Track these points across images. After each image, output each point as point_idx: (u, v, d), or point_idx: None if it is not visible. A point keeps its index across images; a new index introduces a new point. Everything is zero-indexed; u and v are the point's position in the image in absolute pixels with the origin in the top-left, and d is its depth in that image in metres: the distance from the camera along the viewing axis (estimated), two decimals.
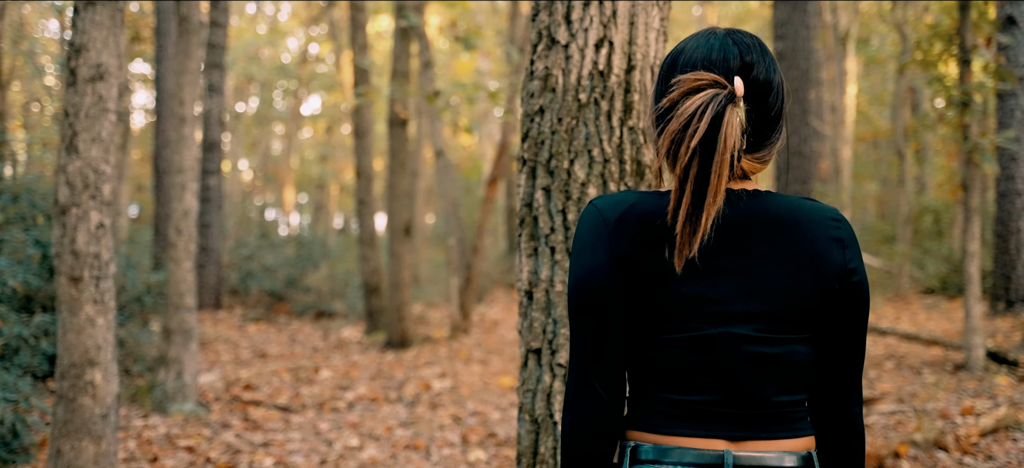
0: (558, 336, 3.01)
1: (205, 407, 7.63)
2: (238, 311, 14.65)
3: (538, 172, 3.08)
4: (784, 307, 1.61)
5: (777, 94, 1.67)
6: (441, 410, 7.74)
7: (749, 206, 1.62)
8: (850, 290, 1.66)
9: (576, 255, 1.65)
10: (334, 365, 9.98)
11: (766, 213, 1.63)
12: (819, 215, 1.66)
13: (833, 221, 1.66)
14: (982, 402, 6.88)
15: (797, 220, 1.63)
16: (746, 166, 1.64)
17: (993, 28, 8.19)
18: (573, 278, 1.64)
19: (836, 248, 1.65)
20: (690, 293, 1.59)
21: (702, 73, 1.59)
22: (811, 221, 1.64)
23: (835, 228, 1.65)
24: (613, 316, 1.62)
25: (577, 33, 3.07)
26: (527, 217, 3.11)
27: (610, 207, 1.64)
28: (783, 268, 1.61)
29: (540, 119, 3.10)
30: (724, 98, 1.54)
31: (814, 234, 1.64)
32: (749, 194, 1.64)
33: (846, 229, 1.67)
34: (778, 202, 1.65)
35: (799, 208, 1.65)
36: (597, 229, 1.63)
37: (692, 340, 1.60)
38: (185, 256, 7.43)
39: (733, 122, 1.53)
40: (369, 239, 12.09)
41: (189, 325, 7.50)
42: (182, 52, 7.56)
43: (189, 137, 7.44)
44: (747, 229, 1.62)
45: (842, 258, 1.65)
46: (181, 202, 7.42)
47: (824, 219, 1.65)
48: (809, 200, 1.70)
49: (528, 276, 3.09)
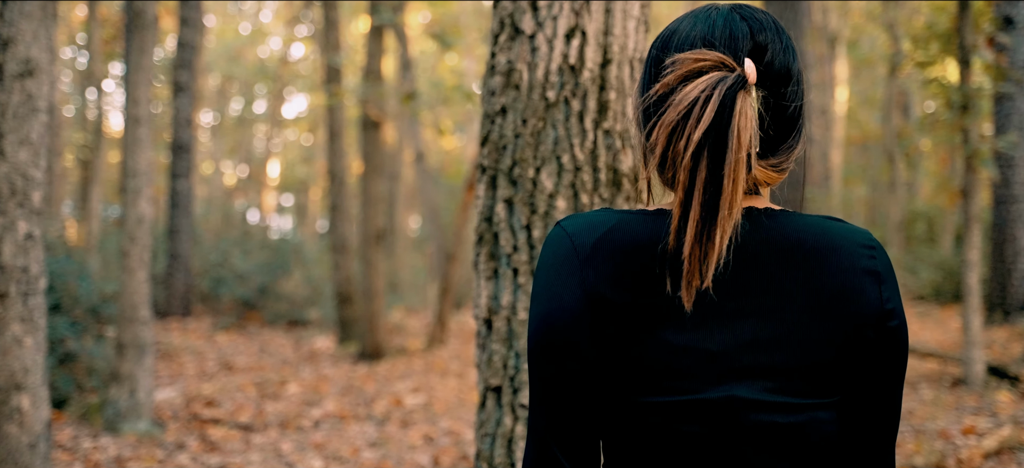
0: (521, 372, 2.60)
1: (160, 426, 7.18)
2: (208, 319, 14.17)
3: (499, 182, 2.68)
4: (804, 360, 1.26)
5: (796, 85, 1.33)
6: (413, 429, 7.31)
7: (760, 229, 1.28)
8: (887, 337, 1.30)
9: (538, 290, 1.30)
10: (303, 378, 9.53)
11: (782, 238, 1.28)
12: (849, 241, 1.30)
13: (866, 249, 1.31)
14: (983, 421, 6.59)
15: (821, 247, 1.28)
16: (759, 175, 1.29)
17: (994, 27, 7.83)
18: (534, 319, 1.29)
19: (870, 283, 1.29)
20: (682, 343, 1.24)
21: (705, 52, 1.24)
22: (838, 249, 1.29)
23: (869, 258, 1.30)
24: (583, 369, 1.27)
25: (544, 21, 2.66)
26: (486, 234, 2.70)
27: (583, 230, 1.29)
28: (803, 309, 1.26)
29: (502, 120, 2.70)
30: (735, 81, 1.19)
31: (842, 265, 1.28)
32: (760, 213, 1.29)
33: (882, 259, 1.32)
34: (797, 224, 1.30)
35: (824, 232, 1.30)
36: (565, 258, 1.28)
37: (683, 405, 1.24)
38: (139, 265, 6.98)
39: (747, 112, 1.18)
40: (341, 246, 11.64)
41: (144, 339, 7.05)
42: (136, 48, 7.11)
43: (143, 139, 6.98)
44: (757, 259, 1.26)
45: (877, 296, 1.29)
46: (134, 208, 6.97)
47: (855, 246, 1.30)
48: (834, 220, 1.33)
49: (487, 302, 2.68)
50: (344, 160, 11.79)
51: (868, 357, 1.30)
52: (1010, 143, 8.16)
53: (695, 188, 1.18)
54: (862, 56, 19.48)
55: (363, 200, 11.45)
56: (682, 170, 1.18)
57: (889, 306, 1.29)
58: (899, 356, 1.32)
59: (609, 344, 1.25)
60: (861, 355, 1.29)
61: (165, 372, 9.74)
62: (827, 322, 1.26)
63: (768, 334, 1.25)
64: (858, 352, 1.28)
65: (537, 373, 1.30)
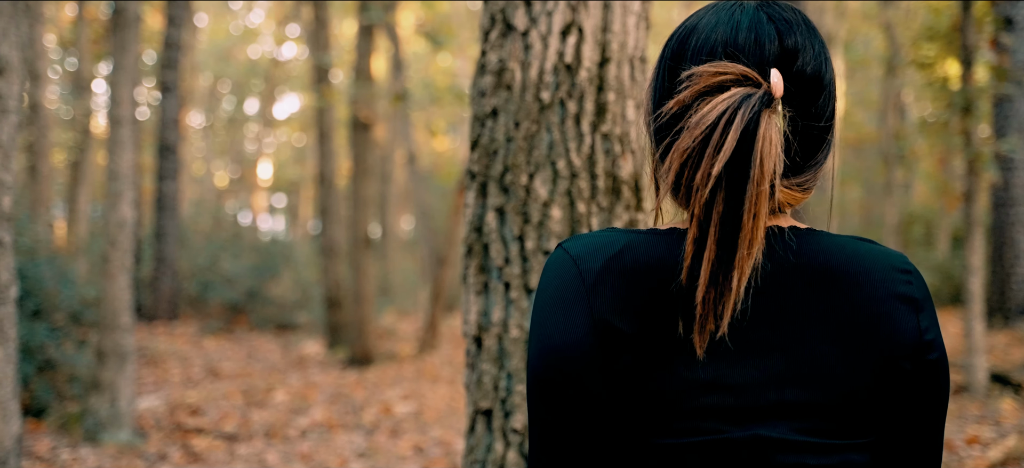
0: (513, 394, 2.42)
1: (142, 436, 6.98)
2: (196, 323, 13.94)
3: (490, 189, 2.50)
4: (835, 396, 1.12)
5: (829, 95, 1.18)
6: (402, 438, 7.12)
7: (788, 251, 1.14)
8: (926, 371, 1.16)
9: (539, 320, 1.16)
10: (291, 385, 9.33)
11: (810, 261, 1.14)
12: (882, 264, 1.16)
13: (901, 273, 1.17)
14: (987, 430, 6.43)
15: (852, 271, 1.14)
16: (782, 197, 1.15)
17: (997, 27, 7.67)
18: (534, 352, 1.15)
19: (906, 311, 1.15)
20: (701, 379, 1.10)
21: (726, 64, 1.09)
22: (871, 273, 1.15)
23: (905, 283, 1.16)
24: (590, 408, 1.13)
25: (539, 17, 2.48)
26: (475, 245, 2.52)
27: (588, 253, 1.15)
28: (834, 341, 1.12)
29: (493, 123, 2.52)
30: (758, 102, 1.05)
31: (876, 292, 1.14)
32: (785, 234, 1.15)
33: (918, 284, 1.18)
34: (826, 245, 1.16)
35: (855, 254, 1.16)
36: (569, 284, 1.14)
37: (704, 447, 1.10)
38: (119, 271, 6.78)
39: (771, 136, 1.05)
40: (331, 249, 11.43)
41: (125, 346, 6.85)
42: (118, 48, 6.91)
43: (125, 140, 6.78)
44: (782, 285, 1.13)
45: (915, 325, 1.15)
46: (116, 211, 6.77)
47: (889, 270, 1.16)
48: (865, 242, 1.19)
49: (476, 318, 2.50)
50: (334, 162, 11.59)
51: (905, 393, 1.15)
52: (1013, 147, 8.01)
53: (710, 224, 1.05)
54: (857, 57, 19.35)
55: (353, 203, 11.25)
56: (697, 203, 1.05)
57: (928, 337, 1.15)
58: (939, 391, 1.18)
59: (619, 380, 1.11)
60: (897, 391, 1.15)
61: (150, 378, 9.53)
62: (860, 355, 1.12)
63: (796, 368, 1.11)
64: (894, 387, 1.15)
65: (538, 412, 1.16)
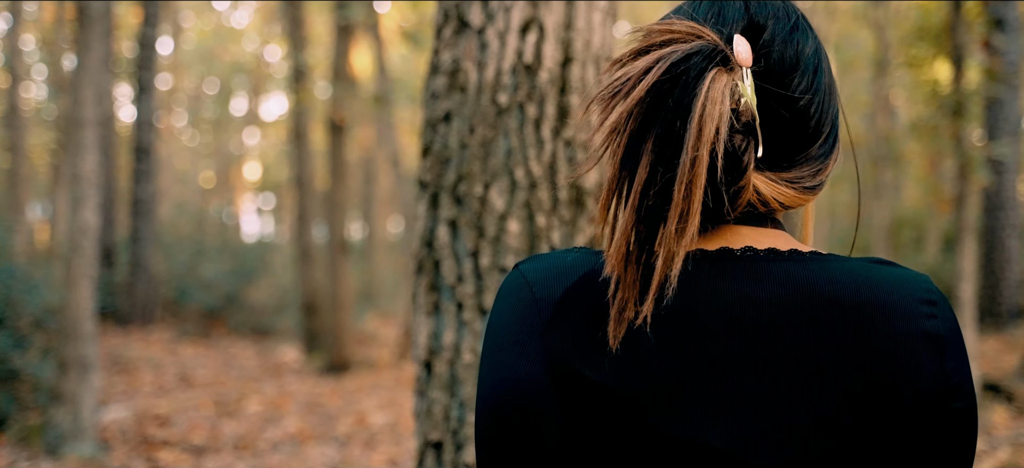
0: (466, 424, 2.21)
1: (106, 449, 6.74)
2: (172, 328, 13.68)
3: (442, 200, 2.29)
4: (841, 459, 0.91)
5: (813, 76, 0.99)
6: (377, 450, 6.91)
7: (783, 276, 0.95)
8: (949, 423, 0.93)
9: (489, 355, 0.99)
10: (265, 394, 9.09)
11: (813, 292, 0.93)
12: (903, 295, 0.93)
13: (925, 305, 0.94)
14: (979, 442, 6.21)
15: (866, 305, 0.92)
16: (765, 189, 0.97)
17: (988, 28, 7.49)
18: (481, 393, 0.99)
19: (928, 352, 0.92)
20: (678, 436, 0.92)
21: (677, 22, 0.94)
22: (889, 307, 0.92)
23: (928, 316, 0.93)
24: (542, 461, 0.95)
25: (496, 13, 2.28)
26: (426, 261, 2.30)
27: (548, 278, 0.98)
28: (841, 391, 0.91)
29: (445, 129, 2.31)
30: (697, 50, 0.90)
31: (894, 329, 0.92)
32: (780, 256, 0.96)
33: (944, 317, 0.94)
34: (833, 272, 0.95)
35: (869, 283, 0.94)
36: (524, 316, 0.97)
37: None
38: (82, 278, 6.54)
39: (716, 96, 0.87)
40: (307, 254, 11.21)
41: (87, 356, 6.62)
42: (82, 46, 6.67)
43: (87, 142, 6.54)
44: (779, 321, 0.93)
45: (939, 370, 0.92)
46: (78, 217, 6.53)
47: (911, 302, 0.93)
48: (882, 265, 0.97)
49: (427, 341, 2.28)
50: (311, 164, 11.36)
51: (924, 450, 0.93)
52: (1004, 152, 7.85)
53: (631, 192, 0.89)
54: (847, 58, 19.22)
55: (329, 207, 11.03)
56: (614, 158, 0.90)
57: (954, 381, 0.92)
58: (964, 447, 0.95)
59: (580, 433, 0.94)
60: (916, 448, 0.93)
61: (120, 386, 9.29)
62: (873, 407, 0.91)
63: (793, 424, 0.91)
64: (910, 442, 0.92)
65: (482, 458, 0.99)
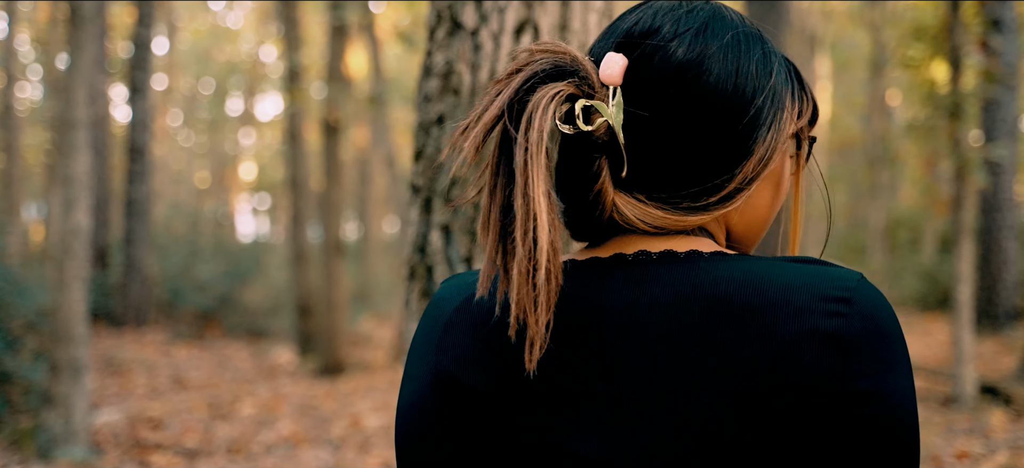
0: None
1: (98, 452, 6.69)
2: (166, 330, 13.62)
3: (434, 205, 2.24)
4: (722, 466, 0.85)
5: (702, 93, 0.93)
6: (371, 453, 6.86)
7: (671, 279, 0.90)
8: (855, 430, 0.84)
9: (404, 375, 1.03)
10: (259, 396, 9.04)
11: (698, 292, 0.89)
12: (801, 293, 0.87)
13: (830, 303, 0.86)
14: (977, 444, 6.22)
15: (755, 305, 0.86)
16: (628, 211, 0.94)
17: (985, 29, 7.46)
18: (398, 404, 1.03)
19: (820, 352, 0.84)
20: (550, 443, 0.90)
21: (534, 46, 0.93)
22: (779, 305, 0.86)
23: (829, 316, 0.85)
24: None
25: (490, 14, 2.23)
26: (418, 267, 2.25)
27: (453, 293, 1.01)
28: (723, 398, 0.85)
29: (438, 132, 2.26)
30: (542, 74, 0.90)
31: (781, 329, 0.85)
32: (675, 258, 0.92)
33: (858, 316, 0.86)
34: (732, 272, 0.89)
35: (760, 281, 0.88)
36: (428, 330, 1.00)
37: None
38: (74, 280, 6.49)
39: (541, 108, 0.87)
40: (302, 255, 11.16)
41: (79, 358, 6.57)
42: (74, 46, 6.62)
43: (79, 143, 6.49)
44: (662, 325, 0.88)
45: (838, 371, 0.84)
46: (70, 218, 6.48)
47: (810, 300, 0.86)
48: (801, 263, 0.90)
49: None
50: (305, 165, 11.32)
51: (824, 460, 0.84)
52: (1003, 154, 7.82)
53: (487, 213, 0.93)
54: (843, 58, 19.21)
55: (324, 208, 10.98)
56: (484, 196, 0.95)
57: (862, 385, 0.83)
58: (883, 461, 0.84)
59: (469, 443, 0.94)
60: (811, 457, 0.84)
61: (113, 389, 9.23)
62: (756, 413, 0.84)
63: (673, 432, 0.86)
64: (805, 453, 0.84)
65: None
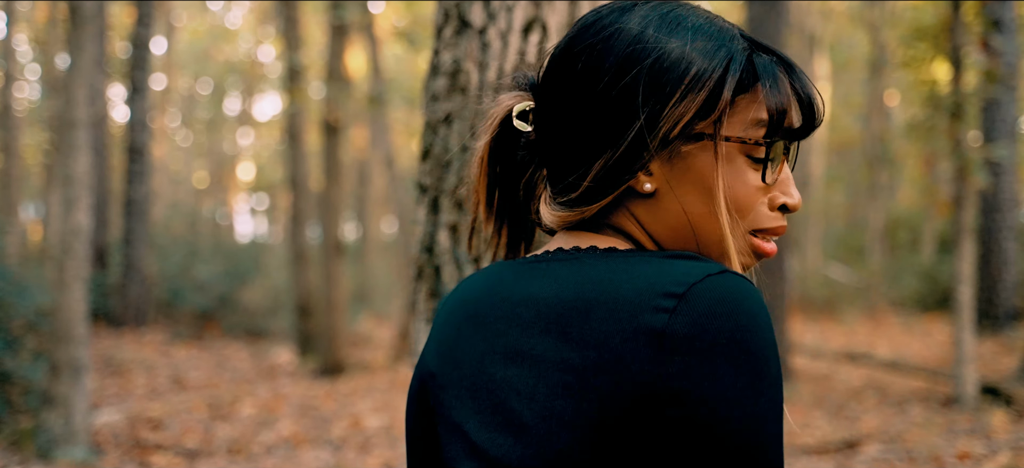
0: None
1: (98, 453, 6.67)
2: (166, 330, 13.58)
3: (442, 205, 2.22)
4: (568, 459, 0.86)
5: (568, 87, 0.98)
6: (372, 454, 6.84)
7: (554, 275, 0.95)
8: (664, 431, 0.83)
9: None
10: (258, 396, 9.02)
11: (564, 288, 0.93)
12: (638, 288, 0.87)
13: (664, 298, 0.85)
14: (979, 445, 6.20)
15: (593, 299, 0.89)
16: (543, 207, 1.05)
17: (986, 28, 7.46)
18: None
19: (641, 348, 0.84)
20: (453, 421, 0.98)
21: None
22: (614, 301, 0.87)
23: (658, 310, 0.85)
24: None
25: (498, 13, 2.22)
26: (426, 268, 2.24)
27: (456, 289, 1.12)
28: (567, 387, 0.87)
29: (446, 131, 2.24)
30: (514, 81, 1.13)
31: (610, 324, 0.86)
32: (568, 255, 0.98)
33: (688, 313, 0.84)
34: (596, 268, 0.93)
35: (610, 276, 0.91)
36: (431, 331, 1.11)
37: None
38: (74, 280, 6.47)
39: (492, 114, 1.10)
40: (302, 255, 11.14)
41: (79, 359, 6.54)
42: (74, 46, 6.60)
43: (79, 143, 6.46)
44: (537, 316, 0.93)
45: (654, 369, 0.83)
46: (70, 218, 6.46)
47: (644, 296, 0.86)
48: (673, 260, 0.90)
49: None
50: (305, 165, 11.30)
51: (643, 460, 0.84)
52: (1003, 154, 7.82)
53: None
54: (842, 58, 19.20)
55: (324, 208, 10.97)
56: None
57: (675, 385, 0.82)
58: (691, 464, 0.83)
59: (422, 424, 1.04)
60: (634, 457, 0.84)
61: (112, 389, 9.21)
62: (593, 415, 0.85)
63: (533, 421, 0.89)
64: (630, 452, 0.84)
65: None
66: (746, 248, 0.99)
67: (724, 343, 0.83)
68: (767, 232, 0.99)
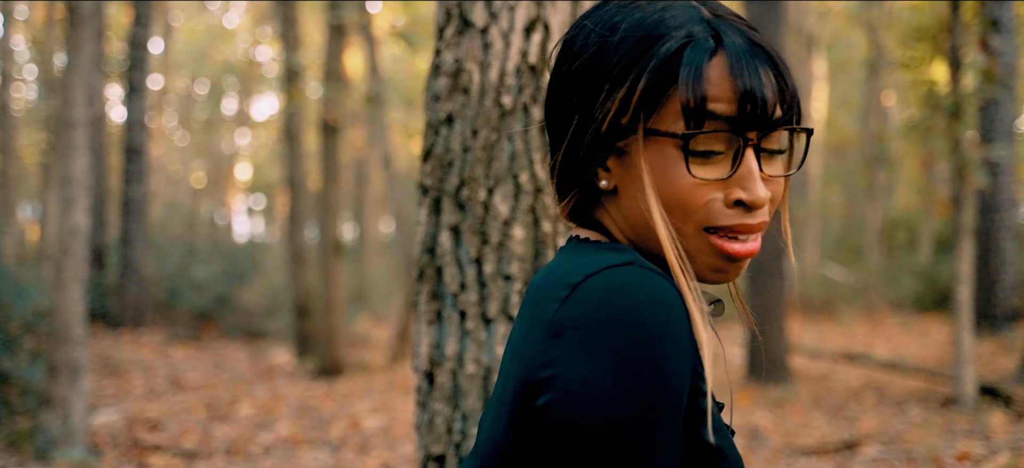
0: (468, 437, 2.14)
1: (96, 454, 6.66)
2: (163, 330, 13.56)
3: (444, 205, 2.22)
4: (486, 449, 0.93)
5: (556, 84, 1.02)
6: (371, 455, 6.84)
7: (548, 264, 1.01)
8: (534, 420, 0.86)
9: None
10: (257, 397, 9.01)
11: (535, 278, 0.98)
12: (555, 280, 0.91)
13: (563, 289, 0.88)
14: (978, 446, 6.20)
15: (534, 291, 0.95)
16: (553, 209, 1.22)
17: (985, 29, 7.45)
18: None
19: (538, 339, 0.87)
20: None
21: None
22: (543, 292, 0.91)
23: (555, 301, 0.87)
24: None
25: (499, 12, 2.21)
26: (428, 268, 2.24)
27: None
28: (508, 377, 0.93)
29: (448, 131, 2.24)
30: None
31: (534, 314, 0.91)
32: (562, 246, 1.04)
33: (577, 303, 0.85)
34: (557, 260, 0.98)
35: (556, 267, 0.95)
36: None
37: None
38: (72, 281, 6.46)
39: None
40: (300, 256, 11.12)
41: (77, 359, 6.53)
42: (72, 46, 6.59)
43: (77, 143, 6.45)
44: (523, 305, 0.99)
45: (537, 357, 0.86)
46: (68, 219, 6.44)
47: (554, 287, 0.89)
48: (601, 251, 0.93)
49: (428, 351, 2.22)
50: (303, 166, 11.28)
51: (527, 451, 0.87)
52: (1002, 154, 7.82)
53: None
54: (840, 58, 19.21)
55: (322, 209, 10.95)
56: None
57: (546, 373, 0.83)
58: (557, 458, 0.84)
59: None
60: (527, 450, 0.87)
61: (110, 390, 9.19)
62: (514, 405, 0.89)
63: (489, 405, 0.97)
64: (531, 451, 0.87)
65: None
66: (704, 247, 0.94)
67: (594, 330, 0.83)
68: (728, 229, 0.94)
